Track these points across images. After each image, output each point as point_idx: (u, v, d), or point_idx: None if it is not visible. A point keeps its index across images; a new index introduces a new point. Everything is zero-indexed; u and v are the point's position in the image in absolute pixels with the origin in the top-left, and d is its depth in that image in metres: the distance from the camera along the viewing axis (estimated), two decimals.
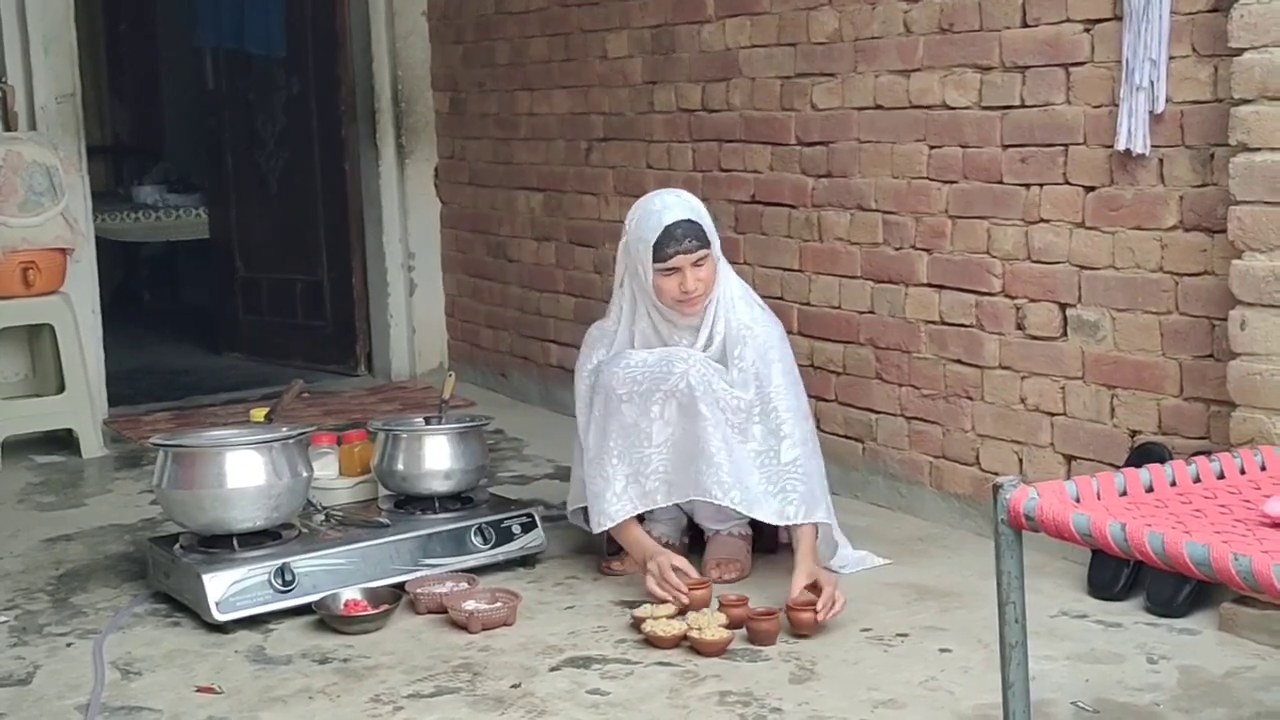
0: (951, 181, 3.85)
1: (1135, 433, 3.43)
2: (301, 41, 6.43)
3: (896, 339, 4.06)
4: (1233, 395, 3.11)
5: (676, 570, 3.40)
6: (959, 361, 3.88)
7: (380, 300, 6.33)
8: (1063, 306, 3.58)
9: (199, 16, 6.91)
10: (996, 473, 3.71)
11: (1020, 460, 3.72)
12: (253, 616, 3.35)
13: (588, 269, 5.35)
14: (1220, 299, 3.16)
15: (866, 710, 2.83)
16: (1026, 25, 3.59)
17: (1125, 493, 2.27)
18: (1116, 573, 3.34)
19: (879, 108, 4.03)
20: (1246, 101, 3.00)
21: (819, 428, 4.30)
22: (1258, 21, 2.98)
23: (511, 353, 5.89)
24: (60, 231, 5.08)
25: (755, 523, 3.69)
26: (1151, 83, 3.26)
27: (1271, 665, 2.97)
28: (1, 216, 4.93)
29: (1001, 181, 3.70)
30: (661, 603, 3.34)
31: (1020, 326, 3.70)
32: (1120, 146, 3.34)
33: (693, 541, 3.76)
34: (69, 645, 3.31)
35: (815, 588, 3.31)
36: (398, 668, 3.12)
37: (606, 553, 3.70)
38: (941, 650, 3.12)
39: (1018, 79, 3.63)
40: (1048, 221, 3.60)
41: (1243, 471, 2.39)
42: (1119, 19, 3.33)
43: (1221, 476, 2.36)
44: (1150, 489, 2.29)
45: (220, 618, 3.30)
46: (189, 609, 3.43)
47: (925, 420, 4.01)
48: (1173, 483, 2.31)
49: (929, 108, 3.88)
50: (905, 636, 3.20)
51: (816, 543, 3.47)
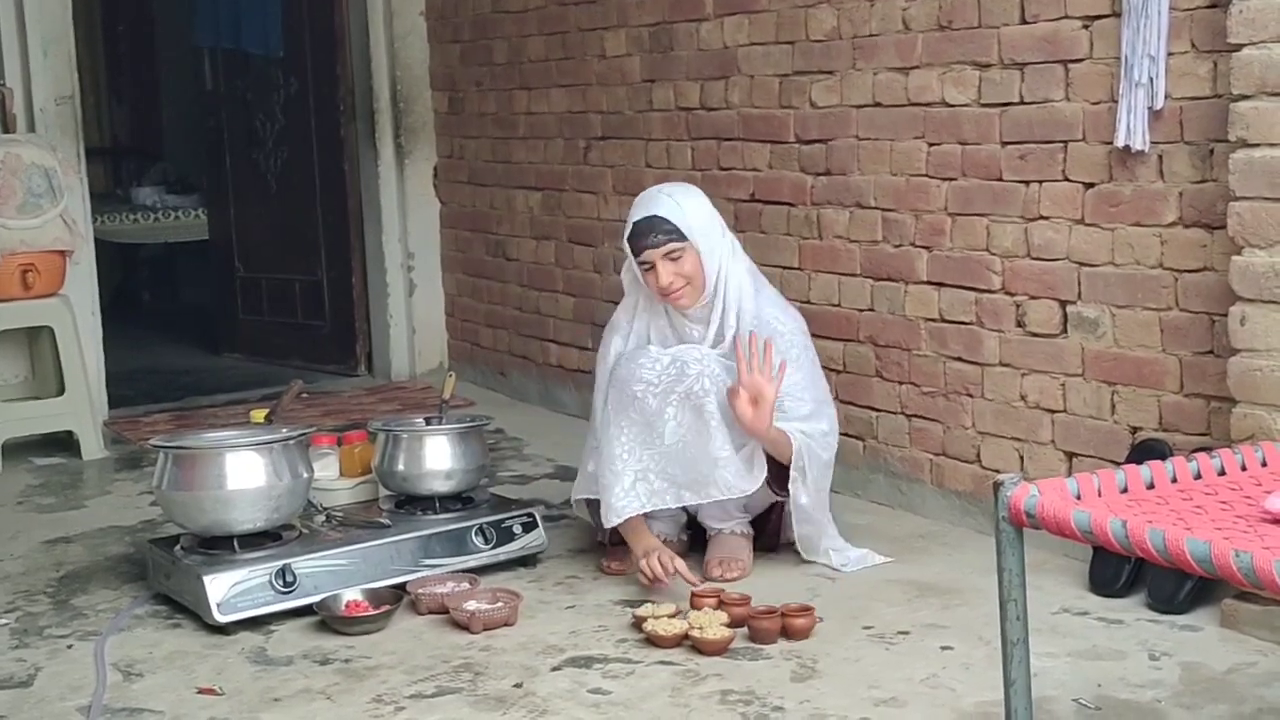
0: (951, 179, 3.84)
1: (1136, 429, 3.43)
2: (300, 41, 6.42)
3: (896, 337, 4.06)
4: (1233, 391, 3.10)
5: (664, 566, 3.44)
6: (959, 359, 3.88)
7: (380, 300, 6.33)
8: (1063, 303, 3.58)
9: (196, 17, 6.91)
10: (997, 470, 3.71)
11: (1021, 457, 3.72)
12: (254, 618, 3.35)
13: (587, 268, 5.35)
14: (1220, 295, 3.16)
15: (868, 708, 2.83)
16: (1025, 22, 3.59)
17: (1126, 489, 2.26)
18: (1118, 570, 3.34)
19: (878, 105, 4.03)
20: (1246, 97, 3.00)
21: None
22: (1256, 17, 2.98)
23: (511, 352, 5.89)
24: (59, 233, 5.07)
25: (756, 521, 3.70)
26: (1151, 79, 3.26)
27: (1273, 661, 2.96)
28: (0, 219, 4.93)
29: (1001, 179, 3.70)
30: (653, 582, 3.40)
31: (1020, 324, 3.69)
32: (1119, 143, 3.34)
33: (694, 540, 3.76)
34: (69, 647, 3.31)
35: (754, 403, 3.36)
36: (399, 668, 3.11)
37: (609, 543, 3.70)
38: (943, 648, 3.12)
39: (1017, 76, 3.62)
40: (1047, 218, 3.59)
41: (1244, 468, 2.38)
42: (1118, 15, 3.33)
43: (1222, 473, 2.36)
44: (1151, 486, 2.28)
45: (221, 619, 3.30)
46: (190, 610, 3.43)
47: (926, 418, 4.01)
48: (1174, 479, 2.31)
49: (928, 105, 3.88)
50: (906, 634, 3.20)
51: (781, 444, 3.48)
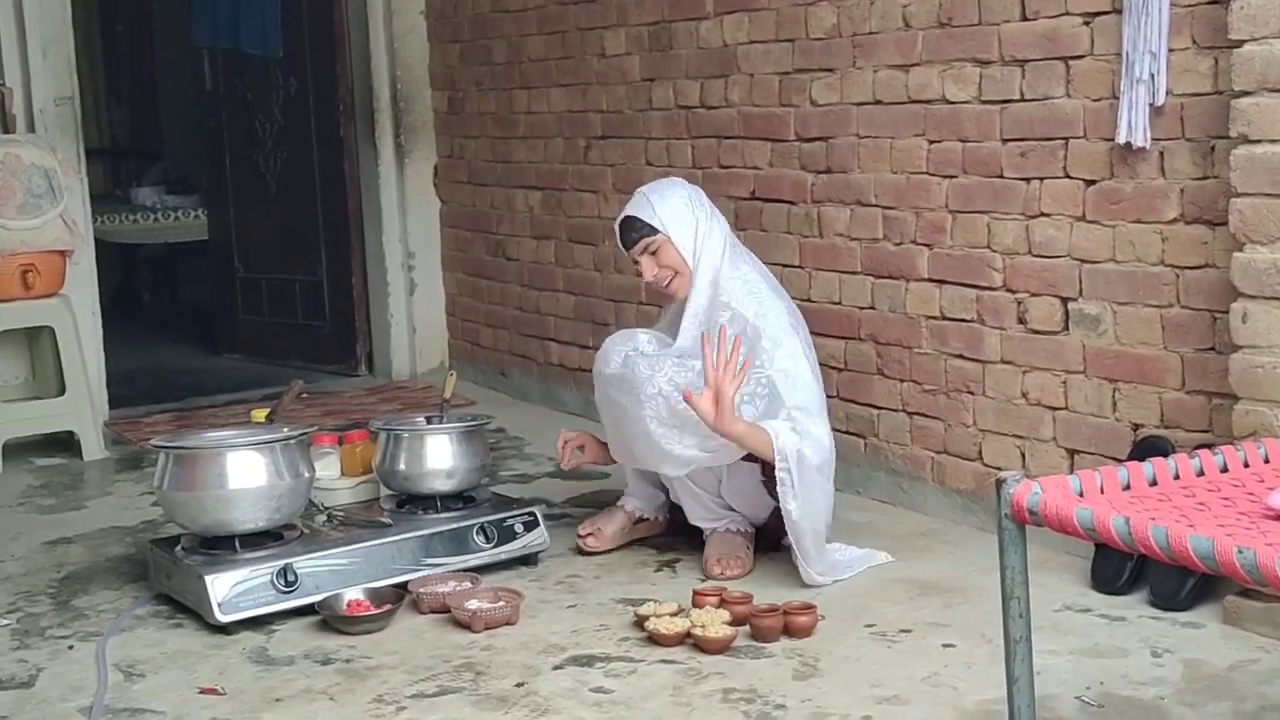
0: (951, 176, 3.84)
1: (1137, 426, 3.43)
2: (299, 41, 6.42)
3: (897, 334, 4.06)
4: (1235, 388, 3.10)
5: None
6: (960, 356, 3.88)
7: (380, 300, 6.33)
8: (1064, 300, 3.58)
9: (195, 17, 6.90)
10: (998, 468, 3.70)
11: (1022, 455, 3.71)
12: (255, 617, 3.34)
13: (587, 267, 5.35)
14: (1222, 292, 3.16)
15: (870, 706, 2.83)
16: (1026, 19, 3.58)
17: (1128, 487, 2.26)
18: (1120, 567, 3.34)
19: (878, 103, 4.03)
20: (1247, 93, 3.00)
21: None
22: (1257, 13, 2.97)
23: (511, 351, 5.88)
24: (59, 234, 5.07)
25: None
26: (1152, 75, 3.25)
27: (1276, 658, 2.96)
28: (0, 219, 4.93)
29: (1001, 176, 3.70)
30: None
31: (1021, 321, 3.69)
32: (1120, 139, 3.34)
33: (695, 540, 3.75)
34: (71, 648, 3.30)
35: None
36: (400, 667, 3.11)
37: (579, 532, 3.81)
38: (945, 646, 3.11)
39: (1017, 73, 3.62)
40: (1048, 215, 3.59)
41: (1246, 464, 2.38)
42: (1118, 12, 3.32)
43: (1225, 469, 2.36)
44: (1154, 483, 2.28)
45: (223, 619, 3.30)
46: (191, 610, 3.42)
47: (927, 416, 4.00)
48: (1176, 476, 2.31)
49: (928, 102, 3.87)
50: (908, 632, 3.20)
51: (757, 442, 3.44)
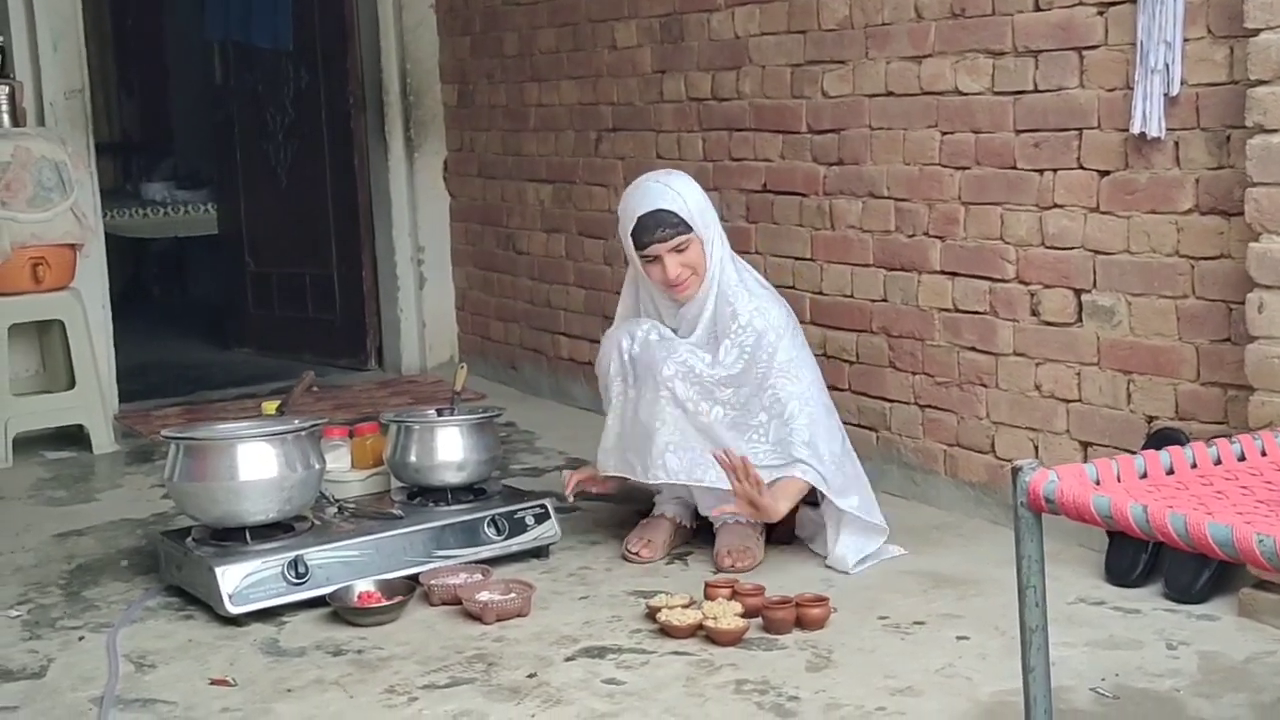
0: (964, 168, 3.82)
1: (1152, 418, 3.41)
2: (310, 34, 6.42)
3: (910, 327, 4.04)
4: (1250, 379, 3.08)
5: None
6: (973, 349, 3.86)
7: (390, 294, 6.32)
8: (1078, 292, 3.56)
9: (206, 10, 6.90)
10: (1012, 460, 3.66)
11: (1036, 447, 3.70)
12: (266, 609, 3.34)
13: (598, 261, 5.34)
14: (1237, 282, 3.14)
15: (884, 698, 2.81)
16: (1039, 9, 3.56)
17: (1145, 475, 2.24)
18: (1134, 559, 3.32)
19: (890, 94, 4.01)
20: (1263, 82, 2.98)
21: None
22: (1274, 1, 2.95)
23: (522, 345, 5.88)
24: (70, 227, 5.07)
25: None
26: (1166, 65, 3.23)
27: None
28: (11, 212, 4.93)
29: (1015, 167, 3.68)
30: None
31: (1035, 313, 3.67)
32: (1135, 130, 3.32)
33: (706, 532, 3.74)
34: (82, 639, 3.30)
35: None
36: (412, 659, 3.10)
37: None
38: (959, 638, 3.10)
39: (1030, 63, 3.60)
40: (1062, 207, 3.57)
41: (1264, 453, 2.36)
42: (1133, 1, 3.30)
43: (1242, 458, 2.34)
44: (1171, 471, 2.26)
45: (233, 610, 3.29)
46: (202, 602, 3.42)
47: (939, 408, 3.99)
48: (1193, 465, 2.29)
49: (941, 93, 3.86)
50: (922, 624, 3.18)
51: (795, 493, 3.48)
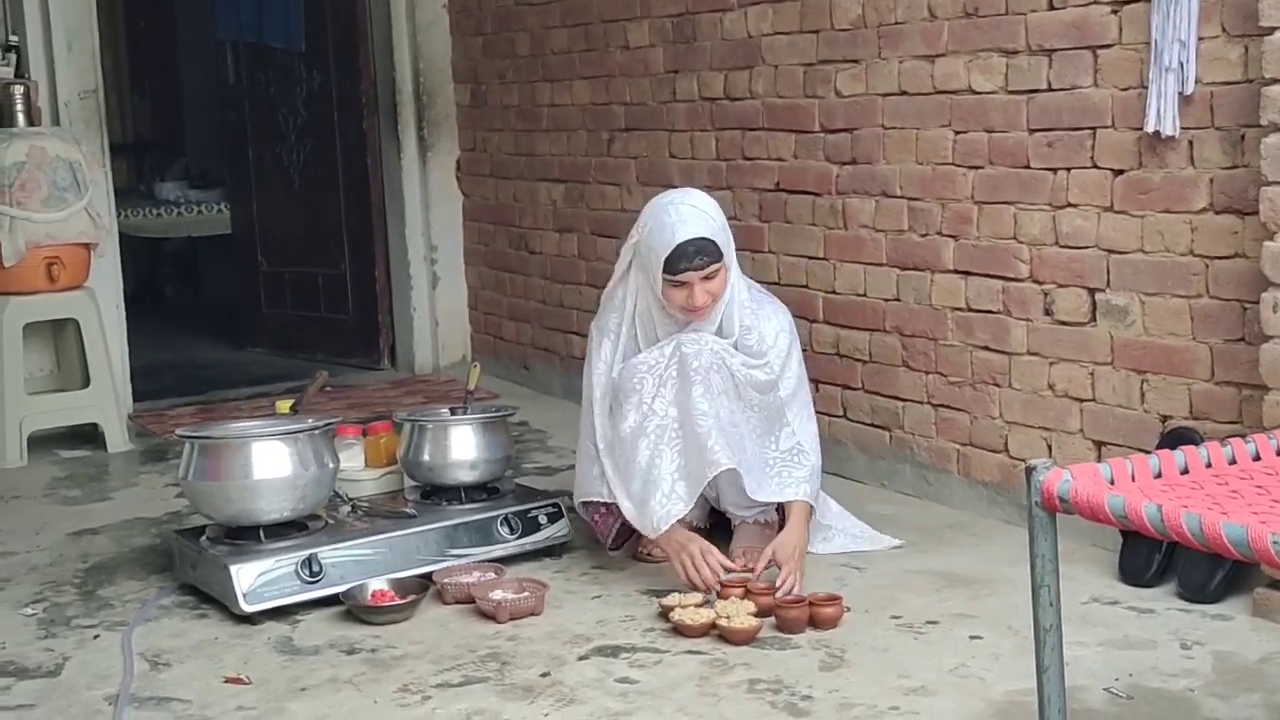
0: (977, 167, 3.82)
1: (1166, 418, 3.40)
2: (322, 34, 6.43)
3: (923, 326, 4.04)
4: (1265, 379, 3.08)
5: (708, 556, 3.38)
6: (986, 348, 3.86)
7: (403, 293, 6.33)
8: (1091, 291, 3.55)
9: (218, 11, 6.92)
10: (1025, 460, 3.67)
11: (1049, 447, 3.69)
12: (280, 607, 3.35)
13: (610, 260, 5.30)
14: (1251, 281, 3.13)
15: (897, 697, 2.81)
16: (1053, 8, 3.56)
17: (1160, 474, 2.24)
18: (1148, 559, 3.32)
19: (903, 93, 4.01)
20: (1278, 81, 2.97)
21: (845, 416, 4.31)
22: None
23: (534, 345, 5.88)
24: (84, 226, 5.08)
25: (779, 510, 3.69)
26: (1181, 64, 3.23)
27: None
28: (26, 211, 4.94)
29: (1028, 166, 3.67)
30: (695, 590, 3.32)
31: (1048, 312, 3.67)
32: (1149, 129, 3.31)
33: (716, 527, 3.74)
34: (97, 637, 3.31)
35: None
36: (425, 657, 3.11)
37: (612, 548, 3.67)
38: (972, 637, 3.10)
39: (1044, 62, 3.60)
40: (1075, 206, 3.57)
41: (1278, 453, 2.36)
42: (1147, 0, 3.30)
43: (1257, 458, 2.33)
44: (1185, 471, 2.26)
45: (248, 609, 3.30)
46: (216, 600, 3.43)
47: (952, 408, 3.98)
48: (1208, 464, 2.28)
49: (954, 93, 3.85)
50: (935, 624, 3.18)
51: (808, 519, 3.52)
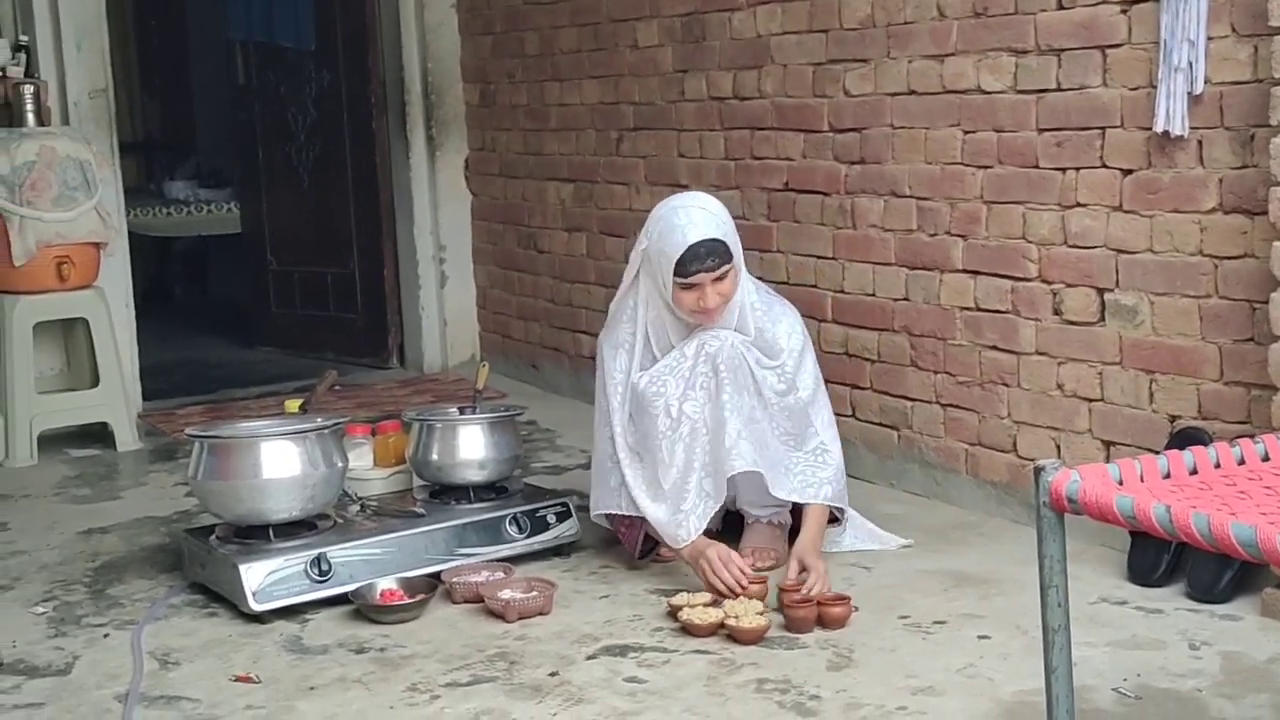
0: (986, 166, 3.82)
1: (1175, 418, 3.40)
2: (332, 34, 6.44)
3: (931, 326, 4.04)
4: (1274, 378, 3.07)
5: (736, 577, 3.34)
6: (995, 348, 3.86)
7: (412, 293, 6.34)
8: (1100, 291, 3.55)
9: (229, 10, 6.93)
10: (1033, 459, 3.67)
11: (1058, 446, 3.69)
12: (289, 606, 3.36)
13: (619, 259, 5.33)
14: (1261, 281, 3.13)
15: (905, 697, 2.81)
16: (1062, 7, 3.56)
17: (1169, 475, 2.23)
18: (1156, 559, 3.32)
19: (912, 93, 4.01)
20: None
21: (854, 416, 4.31)
22: None
23: (543, 344, 5.89)
24: (94, 226, 5.10)
25: (792, 511, 3.69)
26: (1190, 63, 3.22)
27: None
28: (36, 211, 4.96)
29: (1037, 166, 3.67)
30: (719, 594, 3.29)
31: (1057, 312, 3.67)
32: (1158, 128, 3.31)
33: (727, 530, 3.74)
34: (106, 636, 3.32)
35: (804, 571, 3.38)
36: (434, 657, 3.11)
37: (639, 556, 3.64)
38: (980, 637, 3.10)
39: (1053, 62, 3.59)
40: (1084, 205, 3.56)
41: None
42: (1156, 0, 3.30)
43: (1266, 458, 2.33)
44: (1194, 471, 2.26)
45: (257, 608, 3.31)
46: (225, 599, 3.44)
47: (961, 407, 3.98)
48: (1217, 465, 2.28)
49: (963, 92, 3.85)
50: (943, 624, 3.18)
51: (824, 522, 3.54)
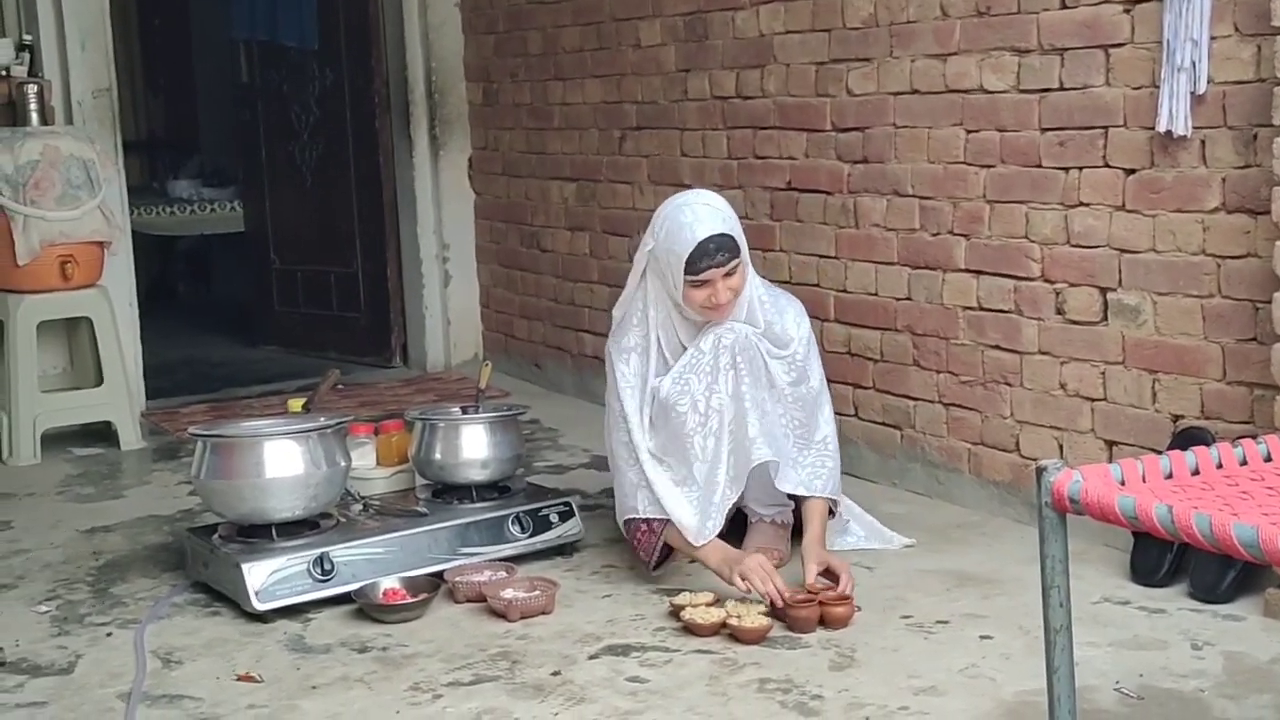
0: (989, 166, 3.82)
1: (1177, 417, 3.40)
2: (335, 33, 6.44)
3: (934, 325, 4.04)
4: (1277, 379, 3.07)
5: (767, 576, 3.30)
6: (997, 347, 3.86)
7: (415, 292, 6.34)
8: (1103, 290, 3.55)
9: (232, 9, 6.93)
10: (1036, 459, 3.67)
11: (1060, 446, 3.69)
12: (292, 606, 3.36)
13: (622, 258, 5.34)
14: (1264, 281, 3.13)
15: (907, 697, 2.81)
16: (1065, 7, 3.56)
17: (1171, 475, 2.23)
18: (1159, 559, 3.31)
19: (915, 92, 4.00)
20: None
21: (856, 415, 4.31)
22: None
23: (546, 343, 5.89)
24: (98, 225, 5.10)
25: (795, 511, 3.69)
26: (1193, 63, 3.22)
27: None
28: (40, 210, 4.96)
29: (1040, 165, 3.67)
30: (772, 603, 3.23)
31: (1060, 311, 3.67)
32: (1161, 128, 3.31)
33: (732, 531, 3.73)
34: (109, 635, 3.32)
35: (829, 573, 3.35)
36: (436, 656, 3.12)
37: (655, 564, 3.55)
38: (982, 637, 3.10)
39: (1056, 61, 3.59)
40: (1087, 205, 3.56)
41: None
42: None
43: (1269, 459, 2.32)
44: (1196, 472, 2.25)
45: (260, 607, 3.31)
46: (228, 599, 3.44)
47: (963, 407, 3.98)
48: (1219, 465, 2.28)
49: (966, 91, 3.85)
50: (945, 624, 3.18)
51: (825, 516, 3.54)
